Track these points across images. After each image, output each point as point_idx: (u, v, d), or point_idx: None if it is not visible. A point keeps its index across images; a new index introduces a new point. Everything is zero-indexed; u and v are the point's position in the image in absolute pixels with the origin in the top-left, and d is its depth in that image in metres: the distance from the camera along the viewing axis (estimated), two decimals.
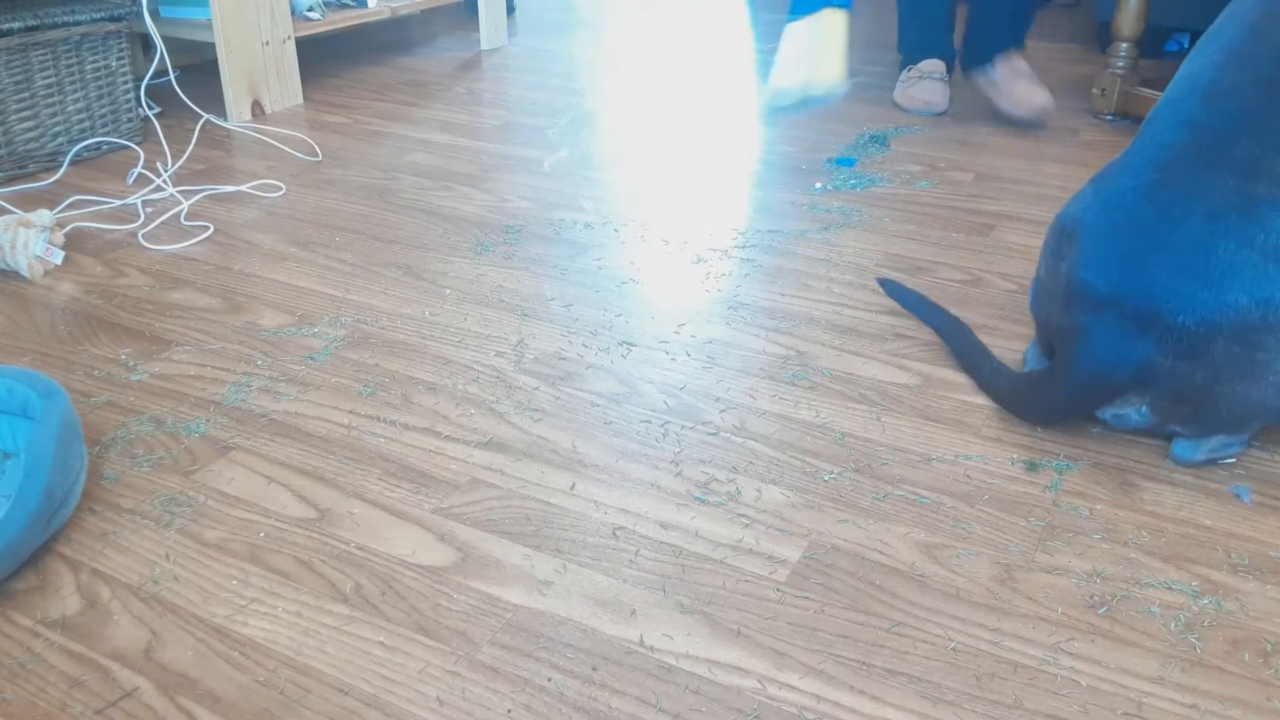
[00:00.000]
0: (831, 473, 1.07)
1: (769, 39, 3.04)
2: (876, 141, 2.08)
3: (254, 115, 2.24)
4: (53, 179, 1.85)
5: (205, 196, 1.79)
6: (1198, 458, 1.07)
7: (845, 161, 1.96)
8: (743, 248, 1.59)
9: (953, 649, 0.85)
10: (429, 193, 1.82)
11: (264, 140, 2.08)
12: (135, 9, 1.98)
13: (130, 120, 2.02)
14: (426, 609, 0.89)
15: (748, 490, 1.04)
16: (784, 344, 1.32)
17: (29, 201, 1.73)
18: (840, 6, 1.79)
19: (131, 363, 1.28)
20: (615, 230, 1.66)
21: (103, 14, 1.91)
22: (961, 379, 1.23)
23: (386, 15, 2.58)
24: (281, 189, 1.83)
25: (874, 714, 0.79)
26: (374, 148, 2.06)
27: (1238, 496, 1.03)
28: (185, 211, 1.72)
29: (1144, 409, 1.06)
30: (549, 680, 0.82)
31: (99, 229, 1.66)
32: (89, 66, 1.91)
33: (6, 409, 1.03)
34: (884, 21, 3.24)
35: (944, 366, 1.26)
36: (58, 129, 1.89)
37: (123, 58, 1.97)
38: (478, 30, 2.90)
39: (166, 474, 1.07)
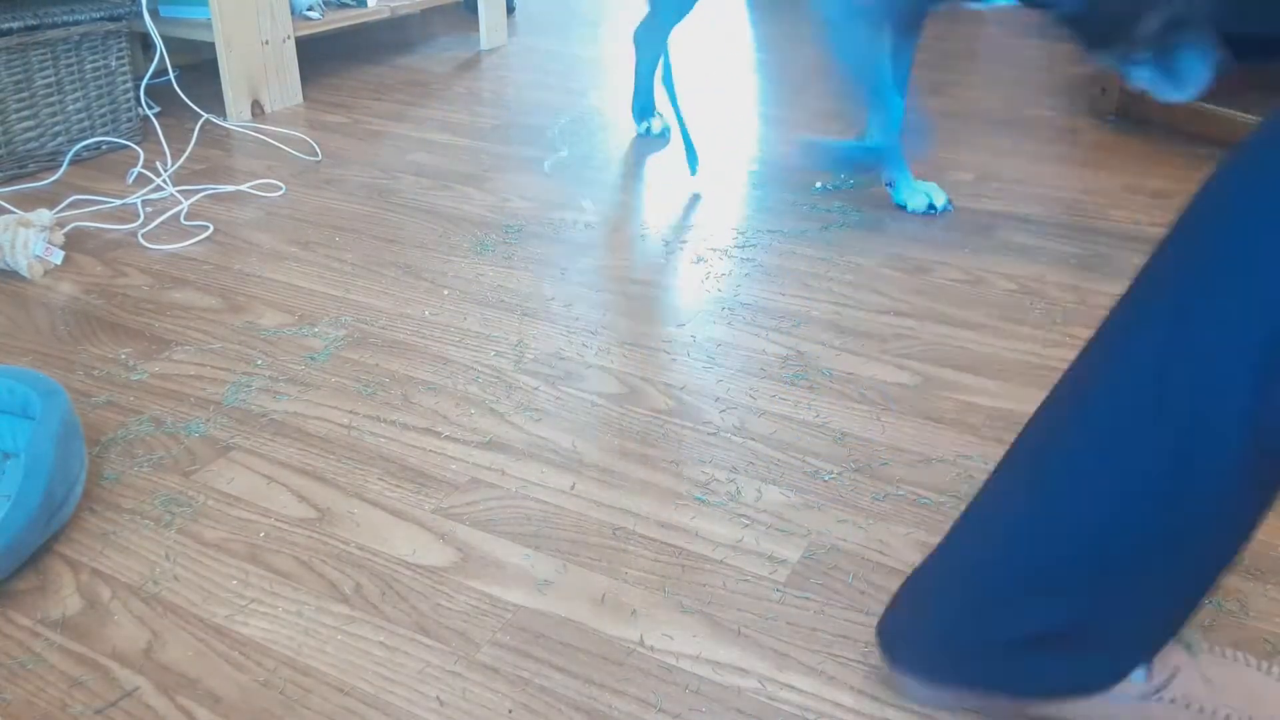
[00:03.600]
0: (831, 473, 1.07)
1: (766, 40, 3.04)
2: None
3: (254, 115, 2.24)
4: (52, 179, 1.85)
5: (205, 196, 1.79)
6: None
7: None
8: (743, 248, 1.59)
9: None
10: (429, 192, 1.82)
11: (264, 140, 2.07)
12: (135, 9, 1.98)
13: (130, 120, 2.02)
14: (426, 609, 0.89)
15: (748, 490, 1.04)
16: (784, 344, 1.32)
17: (29, 201, 1.73)
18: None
19: (131, 363, 1.28)
20: (615, 230, 1.66)
21: (102, 14, 1.91)
22: (963, 379, 1.23)
23: (386, 15, 2.58)
24: (281, 189, 1.83)
25: (874, 714, 0.79)
26: (374, 147, 2.06)
27: None
28: (185, 211, 1.72)
29: None
30: (549, 680, 0.82)
31: (99, 229, 1.66)
32: (89, 66, 1.91)
33: (6, 409, 1.03)
34: None
35: (944, 366, 1.26)
36: (57, 129, 1.89)
37: (122, 57, 1.97)
38: (477, 30, 2.90)
39: (166, 474, 1.07)
